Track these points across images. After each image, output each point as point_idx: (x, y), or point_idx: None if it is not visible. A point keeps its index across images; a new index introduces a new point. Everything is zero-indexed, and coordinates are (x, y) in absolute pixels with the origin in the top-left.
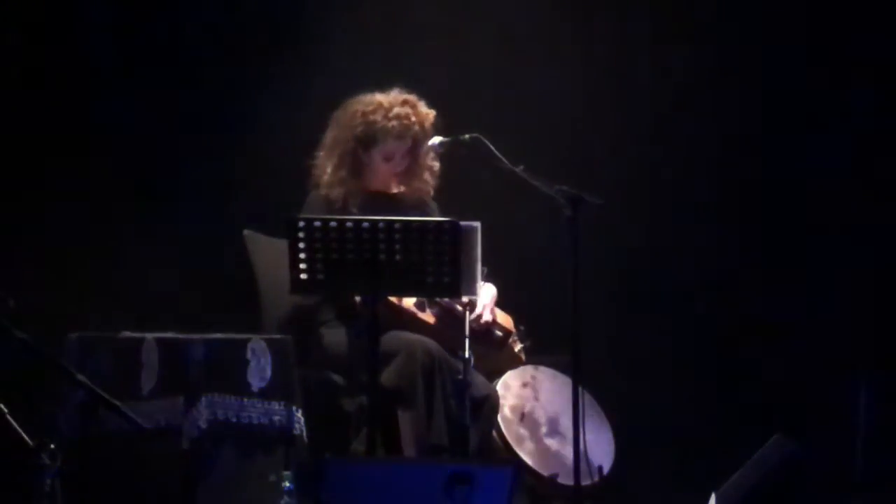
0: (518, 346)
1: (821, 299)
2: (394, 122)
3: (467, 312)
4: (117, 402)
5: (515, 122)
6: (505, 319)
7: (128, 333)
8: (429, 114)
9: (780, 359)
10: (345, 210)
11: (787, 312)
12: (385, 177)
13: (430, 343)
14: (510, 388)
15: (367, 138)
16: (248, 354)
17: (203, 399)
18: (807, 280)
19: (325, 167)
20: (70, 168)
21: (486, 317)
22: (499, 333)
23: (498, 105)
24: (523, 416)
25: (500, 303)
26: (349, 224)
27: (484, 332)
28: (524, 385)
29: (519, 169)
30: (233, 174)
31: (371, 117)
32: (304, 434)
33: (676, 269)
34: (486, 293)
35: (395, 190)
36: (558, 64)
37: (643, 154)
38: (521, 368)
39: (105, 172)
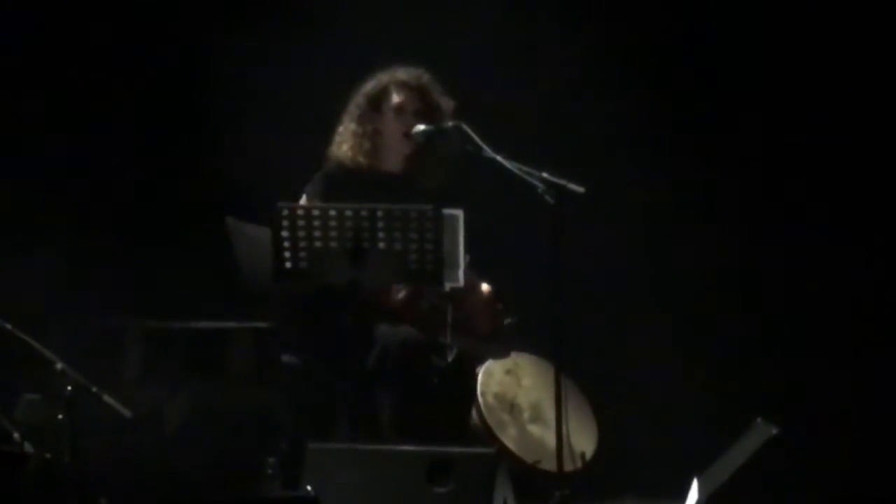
0: (504, 339)
1: (811, 286)
2: (403, 75)
3: (450, 306)
4: (99, 390)
5: (500, 111)
6: (494, 313)
7: (111, 320)
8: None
9: (766, 345)
10: (356, 170)
11: (776, 297)
12: (397, 135)
13: (410, 330)
14: (493, 375)
15: (378, 92)
16: (232, 342)
17: (186, 386)
18: (798, 268)
19: (338, 136)
20: (55, 153)
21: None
22: (487, 329)
23: (482, 94)
24: (513, 407)
25: None
26: (332, 212)
27: (471, 326)
28: (507, 372)
29: (500, 157)
30: (218, 159)
31: (380, 75)
32: (287, 421)
33: (661, 254)
34: (484, 286)
35: (407, 170)
36: (545, 53)
37: (632, 143)
38: None
39: (89, 157)
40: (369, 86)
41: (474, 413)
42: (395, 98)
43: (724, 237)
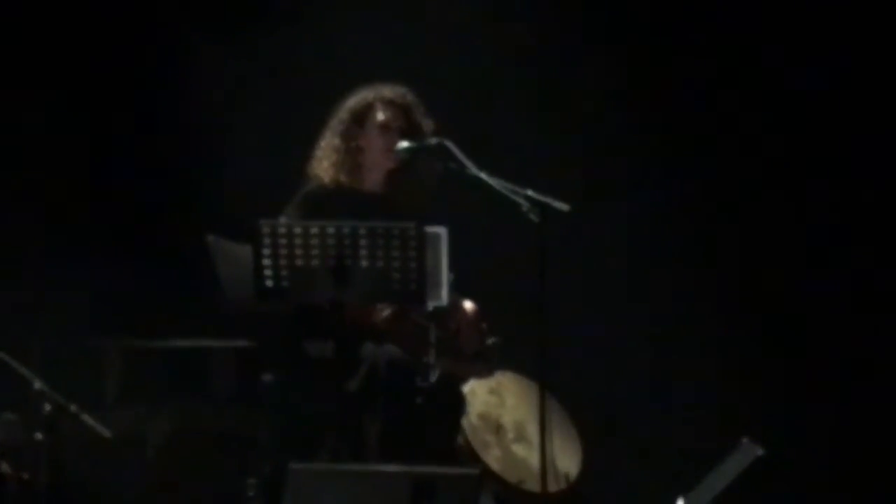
0: (488, 359)
1: (793, 307)
2: (388, 92)
3: (432, 326)
4: (79, 410)
5: (484, 127)
6: (479, 333)
7: (91, 339)
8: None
9: (753, 364)
10: (338, 189)
11: (764, 316)
12: (381, 154)
13: (394, 350)
14: (476, 394)
15: (362, 108)
16: (213, 361)
17: (167, 406)
18: (778, 288)
19: (319, 151)
20: (32, 175)
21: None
22: (471, 349)
23: (465, 110)
24: (499, 427)
25: None
26: (314, 230)
27: (455, 346)
28: (490, 392)
29: (484, 174)
30: (200, 177)
31: (364, 92)
32: (269, 441)
33: (646, 273)
34: (466, 305)
35: (388, 188)
36: (530, 69)
37: (616, 159)
38: None
39: (69, 178)
40: (353, 101)
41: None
42: (381, 116)
43: (712, 255)
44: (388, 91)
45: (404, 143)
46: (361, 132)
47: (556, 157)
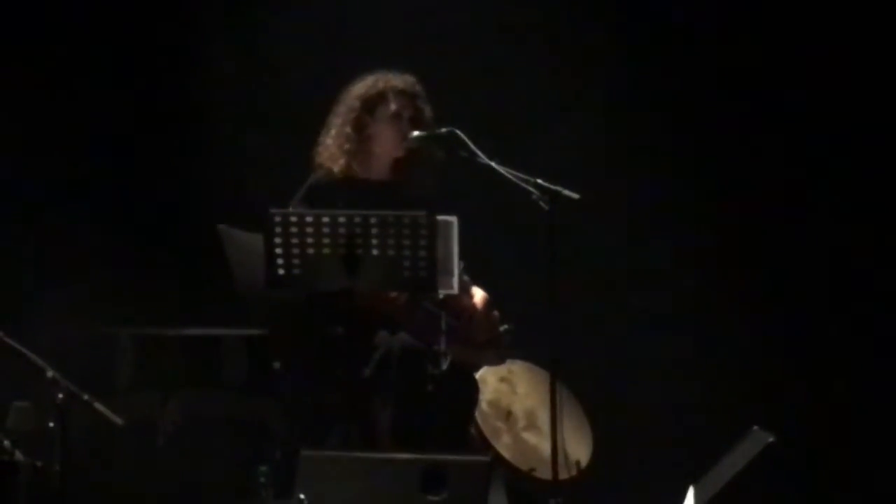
0: (499, 347)
1: (800, 295)
2: (398, 81)
3: (443, 313)
4: (91, 398)
5: (495, 116)
6: (490, 321)
7: (103, 328)
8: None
9: (764, 352)
10: (346, 178)
11: (767, 307)
12: (392, 144)
13: (406, 338)
14: (487, 382)
15: (373, 97)
16: (225, 350)
17: (179, 394)
18: (784, 274)
19: (328, 139)
20: (44, 160)
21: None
22: (483, 337)
23: (475, 100)
24: (510, 415)
25: None
26: (325, 218)
27: (466, 334)
28: (501, 380)
29: (494, 163)
30: (211, 165)
31: (374, 80)
32: (280, 428)
33: (655, 262)
34: (478, 294)
35: (394, 175)
36: (537, 59)
37: (623, 148)
38: None
39: (79, 164)
40: (363, 90)
41: None
42: (393, 105)
43: (723, 245)
44: (398, 80)
45: (416, 133)
46: (372, 121)
47: (566, 145)
